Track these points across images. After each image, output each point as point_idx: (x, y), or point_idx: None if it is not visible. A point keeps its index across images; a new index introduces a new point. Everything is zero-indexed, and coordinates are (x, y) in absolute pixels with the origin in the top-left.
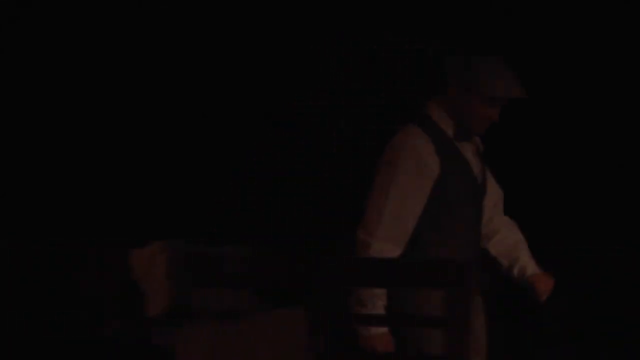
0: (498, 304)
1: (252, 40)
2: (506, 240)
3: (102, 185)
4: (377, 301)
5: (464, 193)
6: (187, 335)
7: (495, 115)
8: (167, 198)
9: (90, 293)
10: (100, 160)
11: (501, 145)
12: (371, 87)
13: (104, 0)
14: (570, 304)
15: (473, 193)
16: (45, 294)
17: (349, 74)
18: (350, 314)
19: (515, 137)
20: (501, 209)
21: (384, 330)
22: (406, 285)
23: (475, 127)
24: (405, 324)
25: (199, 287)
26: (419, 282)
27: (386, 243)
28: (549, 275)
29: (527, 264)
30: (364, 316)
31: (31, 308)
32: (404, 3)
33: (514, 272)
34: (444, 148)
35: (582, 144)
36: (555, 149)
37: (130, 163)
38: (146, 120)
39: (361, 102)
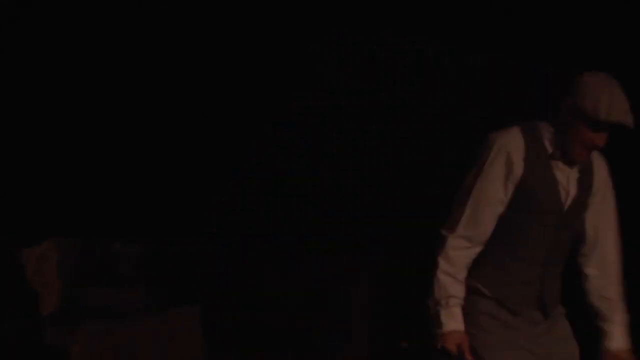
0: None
1: (251, 40)
2: (613, 303)
3: (104, 184)
4: (450, 300)
5: (540, 213)
6: (82, 335)
7: (598, 140)
8: (166, 198)
9: None
10: (104, 160)
11: None
12: (371, 87)
13: (104, 1)
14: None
15: (554, 217)
16: None
17: (349, 74)
18: None
19: None
20: (613, 271)
21: (455, 327)
22: None
23: (576, 152)
24: None
25: (91, 286)
26: None
27: (462, 240)
28: (629, 354)
29: (614, 336)
30: None
31: None
32: (404, 3)
33: (601, 334)
34: (535, 159)
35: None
36: None
37: (135, 163)
38: (147, 120)
39: (361, 102)
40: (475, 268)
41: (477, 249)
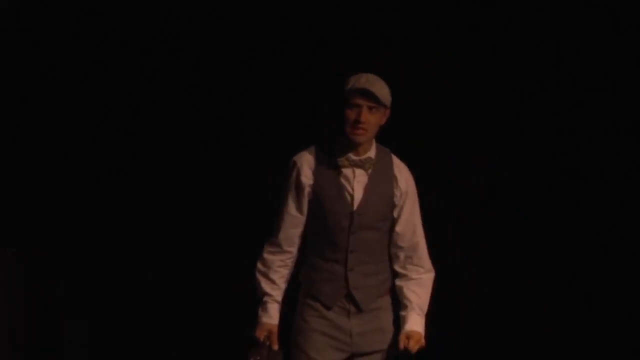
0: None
1: (250, 40)
2: (406, 292)
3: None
4: (264, 297)
5: (333, 215)
6: None
7: (358, 115)
8: (166, 197)
9: None
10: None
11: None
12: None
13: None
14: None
15: (346, 219)
16: None
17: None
18: None
19: (512, 139)
20: (414, 257)
21: (266, 320)
22: None
23: (351, 135)
24: None
25: None
26: None
27: (273, 245)
28: (419, 337)
29: (408, 319)
30: None
31: None
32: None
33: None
34: (324, 170)
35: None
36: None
37: (135, 162)
38: (150, 120)
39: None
40: (301, 269)
41: (288, 253)
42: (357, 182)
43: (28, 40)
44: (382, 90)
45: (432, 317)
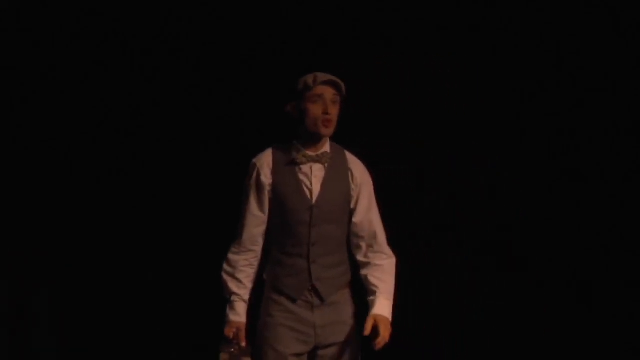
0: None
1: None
2: (371, 279)
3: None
4: (231, 296)
5: (293, 211)
6: None
7: (324, 109)
8: (166, 197)
9: None
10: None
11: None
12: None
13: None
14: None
15: (306, 213)
16: None
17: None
18: None
19: (508, 140)
20: (374, 245)
21: (233, 318)
22: None
23: (318, 129)
24: None
25: None
26: None
27: (237, 246)
28: (387, 324)
29: (376, 304)
30: None
31: None
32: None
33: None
34: (282, 168)
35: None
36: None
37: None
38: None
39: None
40: (267, 266)
41: (253, 252)
42: (315, 177)
43: (28, 40)
44: (337, 79)
45: (432, 317)
